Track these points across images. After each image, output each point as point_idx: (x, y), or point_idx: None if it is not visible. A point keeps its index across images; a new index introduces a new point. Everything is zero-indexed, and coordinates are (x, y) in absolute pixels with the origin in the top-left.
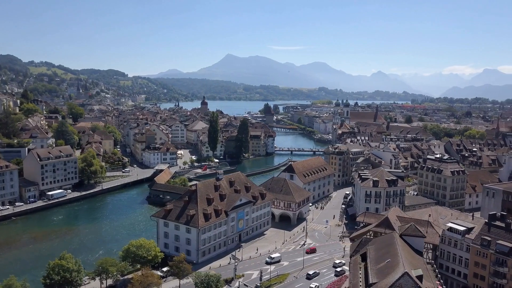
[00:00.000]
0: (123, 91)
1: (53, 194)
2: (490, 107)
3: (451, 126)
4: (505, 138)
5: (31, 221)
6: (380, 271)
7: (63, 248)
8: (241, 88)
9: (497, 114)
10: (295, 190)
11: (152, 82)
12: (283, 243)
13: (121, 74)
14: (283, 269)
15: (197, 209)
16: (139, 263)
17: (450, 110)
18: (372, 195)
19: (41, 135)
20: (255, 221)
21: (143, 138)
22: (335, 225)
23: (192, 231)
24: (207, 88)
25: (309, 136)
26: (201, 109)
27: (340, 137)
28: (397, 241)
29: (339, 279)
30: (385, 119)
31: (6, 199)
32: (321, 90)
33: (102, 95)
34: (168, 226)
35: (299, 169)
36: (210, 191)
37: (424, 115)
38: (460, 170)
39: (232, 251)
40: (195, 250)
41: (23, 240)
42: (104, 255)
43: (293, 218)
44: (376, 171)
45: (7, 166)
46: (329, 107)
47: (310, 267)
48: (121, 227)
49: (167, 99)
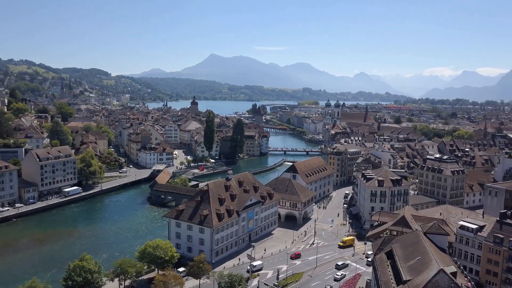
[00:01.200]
0: (107, 90)
1: (69, 191)
2: (472, 108)
3: (439, 127)
4: (494, 138)
5: (32, 223)
6: (412, 269)
7: (68, 250)
8: (226, 88)
9: (480, 115)
10: (300, 190)
11: (135, 81)
12: (292, 243)
13: (104, 73)
14: (296, 268)
15: (210, 209)
16: (156, 263)
17: (435, 111)
18: (378, 194)
19: (37, 135)
20: (264, 221)
21: (138, 138)
22: (340, 224)
23: (205, 231)
24: (192, 88)
25: (299, 136)
26: (191, 109)
27: (333, 138)
28: (423, 239)
29: (353, 277)
30: (374, 120)
31: (6, 200)
32: (305, 90)
33: (86, 95)
34: (180, 226)
35: (301, 169)
36: (221, 191)
37: (410, 115)
38: (460, 169)
39: (243, 251)
40: (208, 250)
41: (26, 242)
42: (110, 257)
43: (299, 218)
44: (380, 171)
45: (6, 166)
46: (316, 108)
47: (322, 265)
48: (124, 229)
49: (151, 98)
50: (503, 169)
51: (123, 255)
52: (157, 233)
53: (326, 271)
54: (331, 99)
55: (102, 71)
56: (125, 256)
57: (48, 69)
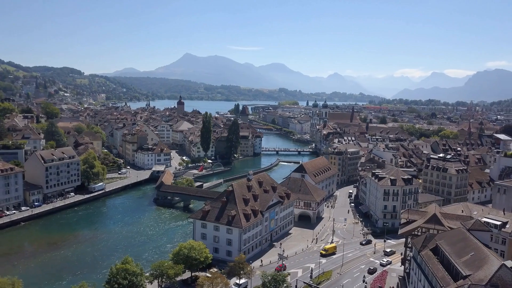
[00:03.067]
0: (81, 89)
1: (94, 187)
2: (445, 108)
3: (424, 127)
4: (481, 138)
5: (40, 226)
6: (469, 264)
7: (86, 254)
8: (202, 87)
9: (456, 115)
10: (313, 190)
11: (110, 80)
12: (312, 241)
13: (77, 72)
14: (322, 266)
15: (237, 210)
16: (191, 265)
17: (414, 111)
18: (390, 193)
19: (34, 136)
20: (282, 221)
21: (134, 139)
22: (352, 223)
23: (233, 232)
24: (167, 87)
25: (285, 136)
26: (178, 109)
27: (326, 138)
28: (470, 235)
29: (381, 274)
30: (360, 120)
31: (11, 203)
32: (281, 91)
33: (61, 94)
34: (207, 227)
35: (309, 169)
36: (245, 192)
37: (391, 115)
38: (464, 168)
39: (266, 251)
40: (236, 251)
41: (41, 246)
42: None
43: (312, 217)
44: (390, 170)
45: (11, 169)
46: (299, 108)
47: (348, 263)
48: (136, 232)
49: (127, 98)
50: (499, 168)
51: (139, 259)
52: (170, 235)
53: (353, 269)
54: (306, 99)
55: (75, 70)
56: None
57: (18, 67)
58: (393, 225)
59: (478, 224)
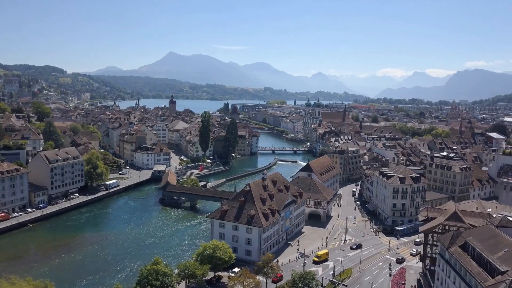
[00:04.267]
0: (65, 88)
1: (110, 184)
2: (429, 108)
3: (416, 126)
4: (474, 136)
5: (48, 228)
6: (505, 260)
7: (100, 256)
8: (187, 86)
9: (443, 114)
10: (323, 189)
11: (93, 79)
12: (327, 240)
13: (59, 70)
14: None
15: (256, 209)
16: (215, 265)
17: (402, 110)
18: (399, 191)
19: (34, 136)
20: (295, 220)
21: (132, 139)
22: (362, 221)
23: (253, 231)
24: (151, 86)
25: (278, 136)
26: (170, 109)
27: (322, 137)
28: (501, 232)
29: (399, 271)
30: (352, 119)
31: (17, 205)
32: (267, 90)
33: (45, 93)
34: (225, 226)
35: (316, 168)
36: (261, 191)
37: (381, 115)
38: (467, 166)
39: (282, 250)
40: (256, 250)
41: (54, 248)
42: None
43: (323, 216)
44: (398, 168)
45: (17, 169)
46: (288, 107)
47: (366, 260)
48: (147, 233)
49: (112, 97)
50: (498, 166)
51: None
52: (180, 236)
53: (372, 266)
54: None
55: (58, 69)
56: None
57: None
58: (402, 222)
59: (506, 221)
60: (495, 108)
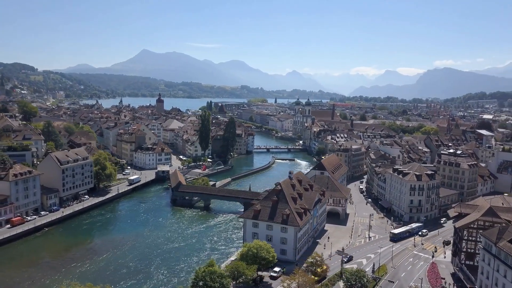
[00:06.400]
0: (37, 86)
1: (133, 179)
2: (406, 106)
3: (404, 124)
4: (465, 134)
5: (65, 231)
6: None
7: (128, 260)
8: (163, 84)
9: (423, 111)
10: (340, 187)
11: (65, 77)
12: (351, 237)
13: (30, 68)
14: (373, 261)
15: (290, 208)
16: (260, 265)
17: (384, 108)
18: (416, 188)
19: (35, 137)
20: (319, 218)
21: (132, 139)
22: (379, 218)
23: (288, 230)
24: (126, 84)
25: (267, 134)
26: (158, 107)
27: (318, 135)
28: None
29: (431, 266)
30: (341, 117)
31: (30, 208)
32: (244, 88)
33: (17, 91)
34: (258, 226)
35: (328, 166)
36: (291, 190)
37: (364, 112)
38: (475, 163)
39: (312, 249)
40: (292, 249)
41: (79, 252)
42: (186, 267)
43: (342, 214)
44: (413, 166)
45: (30, 172)
46: (272, 106)
47: (396, 256)
48: (165, 237)
49: (87, 96)
50: (497, 162)
51: (181, 263)
52: (200, 238)
53: (404, 262)
54: (268, 96)
55: (28, 66)
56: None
57: None
58: (418, 219)
59: None
60: (468, 106)
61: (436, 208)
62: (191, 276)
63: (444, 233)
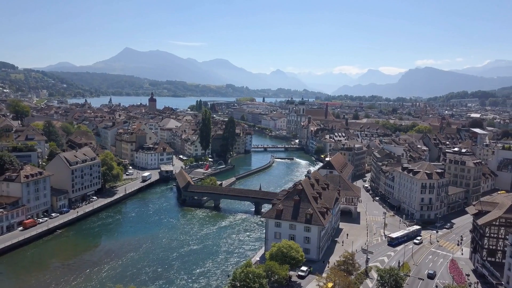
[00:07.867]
0: (18, 85)
1: (146, 175)
2: (392, 104)
3: (398, 122)
4: (460, 132)
5: (78, 233)
6: None
7: (144, 264)
8: (147, 83)
9: (411, 110)
10: (352, 186)
11: (47, 76)
12: (368, 235)
13: (10, 66)
14: (393, 259)
15: (312, 208)
16: (289, 264)
17: (372, 107)
18: (427, 186)
19: (38, 137)
20: (335, 217)
21: (133, 138)
22: (390, 216)
23: (312, 229)
24: (109, 83)
25: (260, 133)
26: (150, 106)
27: (315, 134)
28: None
29: (451, 262)
30: (333, 116)
31: (40, 210)
32: (229, 87)
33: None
34: (281, 226)
35: (336, 165)
36: (311, 190)
37: (354, 111)
38: (479, 161)
39: (333, 247)
40: (315, 248)
41: (99, 254)
42: (187, 272)
43: (354, 212)
44: (422, 164)
45: (40, 173)
46: (263, 105)
47: (416, 253)
48: (179, 238)
49: (71, 94)
50: (497, 160)
51: (201, 266)
52: (215, 239)
53: (425, 259)
54: (254, 95)
55: (8, 64)
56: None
57: None
58: (428, 216)
59: None
60: (452, 105)
61: (445, 205)
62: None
63: (456, 230)
